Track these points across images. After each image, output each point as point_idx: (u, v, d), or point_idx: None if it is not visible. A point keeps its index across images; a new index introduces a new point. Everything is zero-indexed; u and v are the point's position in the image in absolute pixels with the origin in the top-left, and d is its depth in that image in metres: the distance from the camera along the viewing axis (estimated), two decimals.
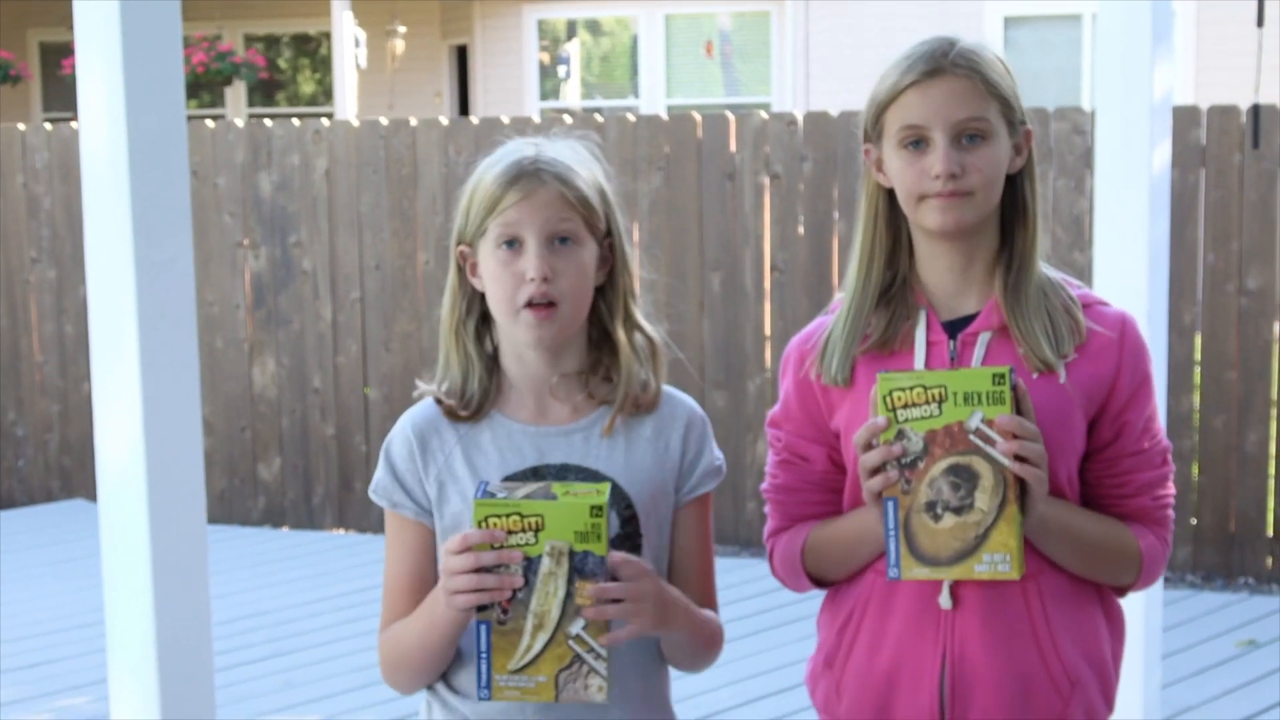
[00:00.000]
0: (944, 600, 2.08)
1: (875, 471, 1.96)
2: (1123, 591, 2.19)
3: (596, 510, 1.84)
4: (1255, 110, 6.13)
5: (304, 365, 7.47)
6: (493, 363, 2.10)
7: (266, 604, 6.20)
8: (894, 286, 2.14)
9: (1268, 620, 5.79)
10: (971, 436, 1.91)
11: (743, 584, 6.27)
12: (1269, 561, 6.31)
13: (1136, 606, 3.95)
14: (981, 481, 1.91)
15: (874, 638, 2.14)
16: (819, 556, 2.19)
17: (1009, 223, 2.13)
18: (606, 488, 1.90)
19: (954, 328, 2.11)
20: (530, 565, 1.84)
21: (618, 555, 1.88)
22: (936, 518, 1.93)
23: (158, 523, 2.60)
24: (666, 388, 2.15)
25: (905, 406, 1.92)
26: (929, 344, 2.10)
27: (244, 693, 5.15)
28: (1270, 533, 6.31)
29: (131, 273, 2.51)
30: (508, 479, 2.04)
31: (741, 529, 6.89)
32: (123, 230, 2.51)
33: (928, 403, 1.92)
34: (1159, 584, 4.18)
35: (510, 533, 1.84)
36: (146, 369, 2.54)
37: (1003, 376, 1.90)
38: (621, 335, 2.10)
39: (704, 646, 2.13)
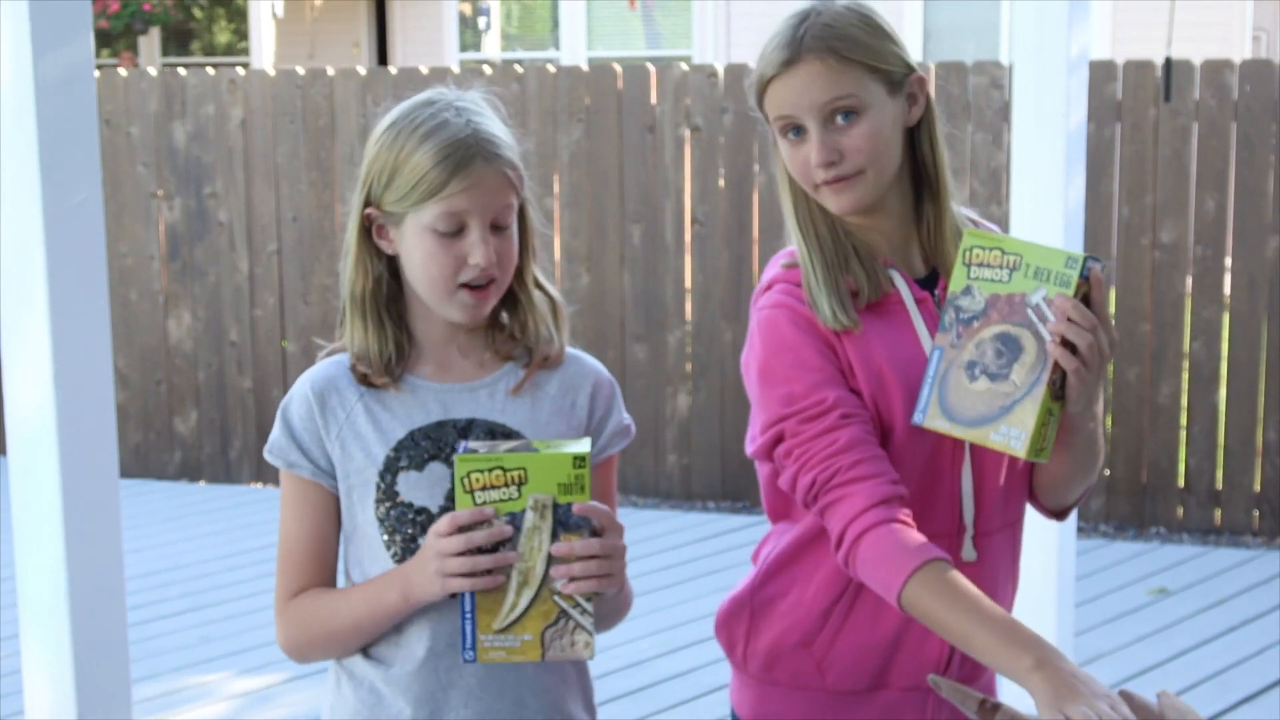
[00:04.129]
0: (967, 552, 2.05)
1: None
2: (1066, 513, 2.17)
3: (579, 461, 1.80)
4: (1168, 64, 6.19)
5: (220, 318, 7.39)
6: (401, 322, 2.05)
7: (183, 558, 6.15)
8: (843, 238, 2.06)
9: (1178, 569, 5.90)
10: (1029, 311, 1.89)
11: (662, 536, 6.30)
12: (1180, 511, 6.42)
13: (1050, 555, 4.01)
14: (1024, 356, 1.89)
15: (878, 604, 2.02)
16: (929, 612, 1.86)
17: (917, 179, 2.08)
18: (588, 440, 1.87)
19: (924, 284, 2.07)
20: (513, 521, 1.80)
21: (591, 505, 1.83)
22: (973, 378, 1.92)
23: (69, 476, 2.56)
24: (572, 350, 2.12)
25: (979, 264, 1.92)
26: (917, 301, 2.05)
27: (160, 647, 5.11)
28: (1181, 483, 6.42)
29: (40, 217, 2.46)
30: (414, 432, 2.01)
31: (662, 482, 6.91)
32: (30, 173, 2.46)
33: (1001, 267, 1.91)
34: (1073, 534, 4.24)
35: (492, 487, 1.80)
36: (56, 317, 2.50)
37: (1076, 260, 1.87)
38: (532, 293, 2.07)
39: (621, 606, 2.12)
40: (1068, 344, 1.86)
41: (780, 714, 2.13)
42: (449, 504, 1.97)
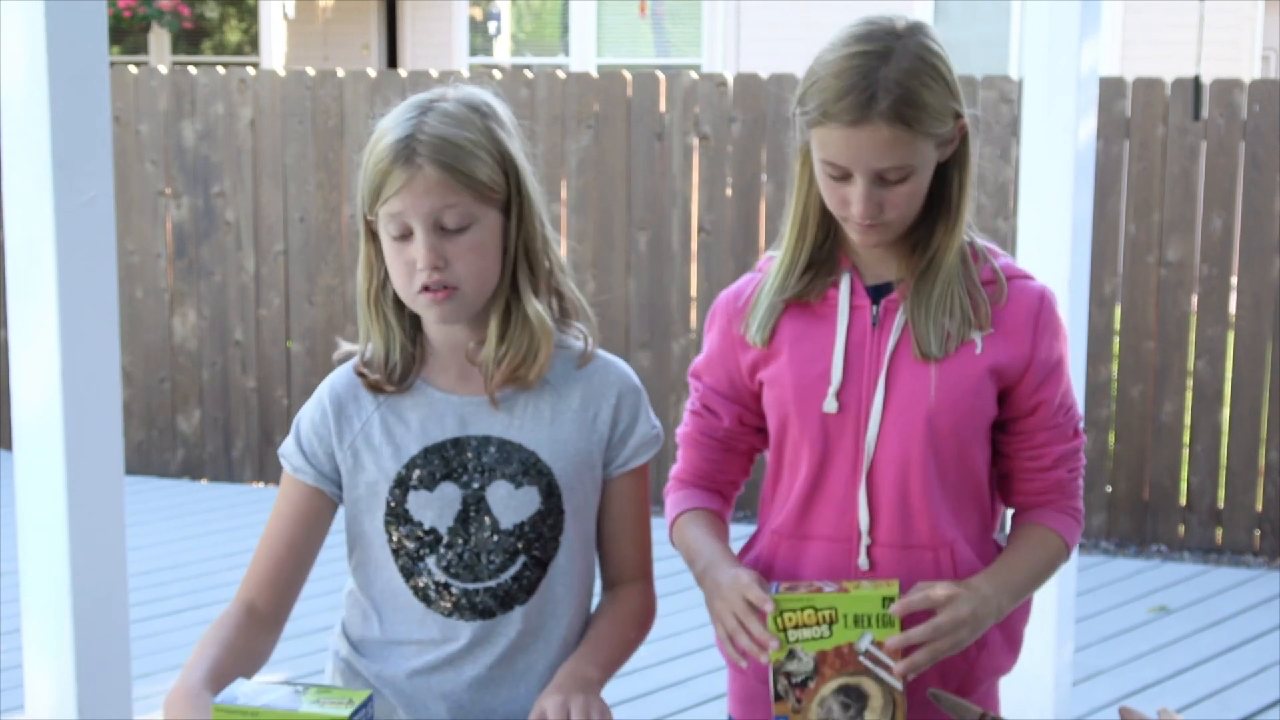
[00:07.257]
0: (861, 561, 2.10)
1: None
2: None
3: None
4: (1197, 81, 6.18)
5: (225, 317, 7.39)
6: (415, 329, 2.01)
7: (185, 556, 6.15)
8: (826, 244, 2.11)
9: (1179, 587, 5.90)
10: (861, 658, 1.92)
11: (661, 543, 6.29)
12: (1181, 529, 6.42)
13: None
14: (871, 701, 1.92)
15: None
16: (679, 541, 2.33)
17: (933, 203, 2.08)
18: (364, 700, 1.70)
19: (878, 292, 2.09)
20: None
21: None
22: None
23: (74, 472, 2.56)
24: (604, 354, 2.07)
25: (796, 627, 1.93)
26: (852, 308, 2.08)
27: (161, 645, 5.11)
28: (1183, 501, 6.42)
29: (50, 214, 2.46)
30: (428, 449, 1.98)
31: (661, 490, 6.89)
32: (42, 170, 2.46)
33: (819, 624, 1.92)
34: (1074, 550, 4.24)
35: None
36: (65, 313, 2.50)
37: (891, 597, 1.90)
38: (525, 308, 1.96)
39: (631, 648, 2.14)
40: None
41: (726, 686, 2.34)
42: (458, 525, 1.96)
